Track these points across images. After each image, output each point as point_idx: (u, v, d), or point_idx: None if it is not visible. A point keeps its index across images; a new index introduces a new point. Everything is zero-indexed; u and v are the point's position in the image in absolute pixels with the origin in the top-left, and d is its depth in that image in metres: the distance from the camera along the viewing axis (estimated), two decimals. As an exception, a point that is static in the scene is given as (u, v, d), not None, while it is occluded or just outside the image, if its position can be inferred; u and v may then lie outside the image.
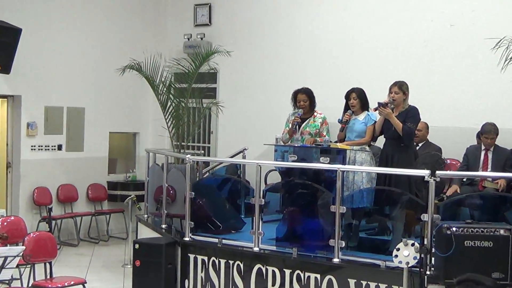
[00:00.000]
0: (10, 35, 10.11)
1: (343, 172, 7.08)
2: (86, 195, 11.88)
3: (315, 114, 8.50)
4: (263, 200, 7.54)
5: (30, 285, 7.35)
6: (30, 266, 7.38)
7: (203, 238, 8.08)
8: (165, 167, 9.09)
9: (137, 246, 8.11)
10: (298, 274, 7.07)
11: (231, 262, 7.57)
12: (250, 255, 7.49)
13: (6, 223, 8.11)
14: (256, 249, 7.49)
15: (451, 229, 5.98)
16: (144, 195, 10.35)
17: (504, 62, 7.35)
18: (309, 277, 7.00)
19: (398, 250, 6.19)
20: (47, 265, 7.42)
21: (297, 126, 8.38)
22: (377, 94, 7.90)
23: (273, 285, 7.24)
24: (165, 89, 10.60)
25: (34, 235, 7.44)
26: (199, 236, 8.14)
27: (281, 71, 11.38)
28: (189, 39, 12.33)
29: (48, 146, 11.33)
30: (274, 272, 7.25)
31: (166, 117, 10.53)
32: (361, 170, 7.64)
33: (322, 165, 7.56)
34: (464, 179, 8.27)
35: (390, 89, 7.69)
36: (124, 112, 12.45)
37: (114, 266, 9.84)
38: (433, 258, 6.23)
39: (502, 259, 5.94)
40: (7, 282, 6.68)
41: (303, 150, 8.00)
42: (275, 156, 8.17)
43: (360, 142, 7.93)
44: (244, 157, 10.26)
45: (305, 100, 8.46)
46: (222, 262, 7.64)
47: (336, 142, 8.19)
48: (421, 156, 8.13)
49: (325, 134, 8.36)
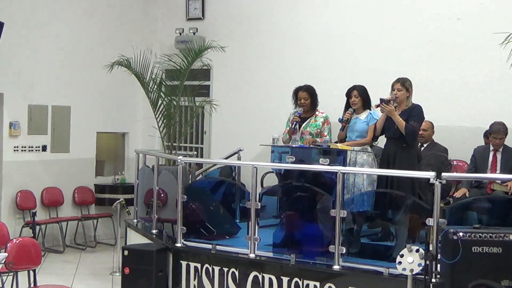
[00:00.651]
0: (-9, 29, 10.10)
1: (344, 174, 7.09)
2: (72, 199, 11.85)
3: (317, 113, 8.47)
4: (259, 204, 7.55)
5: (13, 294, 7.34)
6: (12, 274, 7.33)
7: (196, 244, 8.08)
8: (155, 169, 9.10)
9: (126, 252, 8.11)
10: (296, 282, 7.07)
11: (226, 269, 7.57)
12: (246, 262, 7.49)
13: (-13, 229, 8.09)
14: (252, 255, 7.50)
15: (458, 234, 5.98)
16: (133, 199, 10.35)
17: (513, 58, 7.36)
18: (308, 285, 7.00)
19: (402, 256, 6.20)
20: (31, 273, 7.39)
21: (297, 126, 8.38)
22: (379, 92, 7.93)
23: (270, 293, 7.26)
24: (155, 86, 10.59)
25: (17, 242, 7.40)
26: (192, 242, 8.13)
27: (278, 68, 11.38)
28: (181, 34, 12.32)
29: (32, 147, 11.30)
30: (271, 280, 7.25)
31: (157, 116, 10.52)
32: (362, 172, 7.65)
33: (322, 166, 7.58)
34: (471, 182, 8.27)
35: (393, 86, 7.70)
36: (112, 111, 12.43)
37: (102, 274, 9.81)
38: (438, 265, 6.22)
39: None
40: (-12, 291, 6.67)
41: (302, 151, 8.01)
42: (272, 157, 8.18)
43: (361, 142, 7.94)
44: (239, 158, 10.29)
45: (306, 98, 8.43)
46: (216, 269, 7.64)
47: (336, 142, 8.19)
48: (426, 157, 8.14)
49: (326, 134, 8.32)
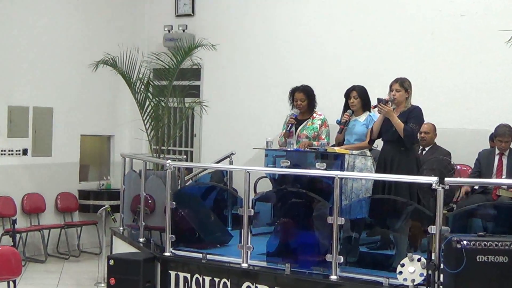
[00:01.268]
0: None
1: (342, 179, 7.07)
2: (55, 206, 11.81)
3: (314, 115, 8.48)
4: (252, 210, 7.53)
5: (-9, 306, 7.32)
6: (-9, 285, 7.34)
7: (186, 253, 8.07)
8: (143, 174, 9.09)
9: (111, 262, 8.10)
10: (291, 293, 7.07)
11: (217, 279, 7.56)
12: (238, 272, 7.48)
13: (-36, 237, 8.08)
14: (244, 265, 7.49)
15: (462, 242, 5.98)
16: (119, 205, 10.32)
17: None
18: (303, 296, 7.01)
19: (403, 266, 6.22)
20: (11, 283, 7.36)
21: (293, 128, 8.37)
22: (379, 93, 7.90)
23: (263, 305, 7.25)
24: (143, 87, 10.57)
25: (-4, 251, 7.40)
26: (181, 251, 8.13)
27: (272, 67, 11.38)
28: (169, 31, 12.33)
29: (12, 151, 11.26)
30: (264, 290, 7.25)
31: (144, 118, 10.50)
32: (361, 177, 7.65)
33: (318, 171, 7.57)
34: (476, 187, 8.28)
35: (391, 86, 7.68)
36: (97, 112, 12.40)
37: (86, 285, 9.79)
38: (441, 275, 6.22)
39: (518, 276, 5.96)
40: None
41: (297, 154, 8.00)
42: (266, 161, 8.17)
43: (360, 145, 7.94)
44: (231, 162, 10.28)
45: (302, 99, 8.43)
46: (207, 279, 7.63)
47: (333, 145, 8.19)
48: (428, 161, 8.15)
49: (323, 137, 8.33)
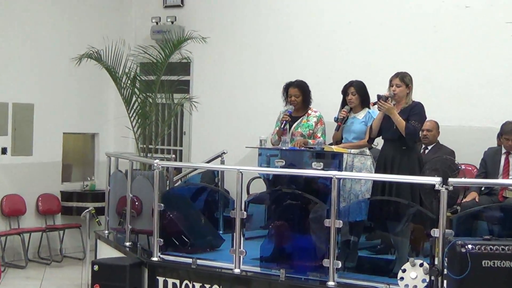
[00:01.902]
0: None
1: (339, 179, 7.08)
2: (36, 208, 11.78)
3: (310, 112, 8.49)
4: (245, 213, 7.53)
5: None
6: (-32, 292, 7.33)
7: (174, 258, 8.07)
8: (129, 174, 9.09)
9: (96, 267, 8.11)
10: (286, 300, 7.07)
11: (208, 286, 7.56)
12: (230, 278, 7.48)
13: None
14: (237, 270, 7.48)
15: (467, 246, 5.98)
16: (104, 208, 10.33)
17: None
18: (299, 303, 7.02)
19: (404, 271, 6.23)
20: (-11, 290, 7.37)
21: (287, 126, 8.37)
22: (378, 89, 7.89)
23: (257, 313, 7.26)
24: (129, 82, 10.55)
25: (-27, 256, 7.39)
26: (170, 255, 8.13)
27: (267, 61, 11.37)
28: (157, 23, 12.31)
29: (-10, 150, 11.27)
30: (258, 298, 7.26)
31: (131, 115, 10.48)
32: (360, 177, 7.65)
33: (315, 171, 7.56)
34: (482, 188, 8.29)
35: (391, 81, 7.67)
36: (80, 109, 12.37)
37: (69, 292, 9.81)
38: (445, 281, 6.22)
39: (526, 282, 5.97)
40: None
41: (292, 154, 8.00)
42: (259, 161, 8.17)
43: (359, 144, 7.94)
44: (222, 162, 10.28)
45: (297, 95, 8.44)
46: (197, 286, 7.63)
47: (331, 144, 8.19)
48: (431, 161, 8.14)
49: (319, 135, 8.34)
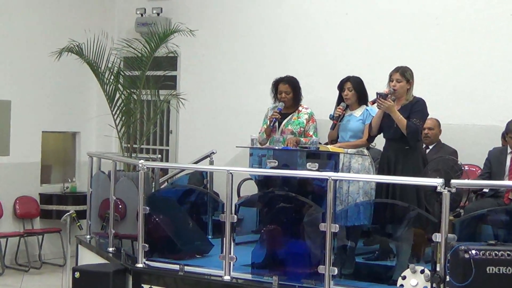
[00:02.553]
0: None
1: (336, 181, 7.06)
2: (13, 211, 11.78)
3: (300, 109, 8.51)
4: (236, 216, 7.52)
5: None
6: None
7: (161, 265, 8.06)
8: (112, 176, 9.06)
9: (77, 274, 8.10)
10: (279, 308, 7.07)
11: (196, 294, 7.56)
12: (220, 286, 7.48)
13: None
14: (226, 277, 7.47)
15: (470, 252, 5.98)
16: (86, 211, 10.28)
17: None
18: (293, 312, 7.01)
19: (404, 278, 6.24)
20: (-37, 299, 7.34)
21: (276, 123, 8.36)
22: (377, 85, 7.88)
23: (248, 322, 7.26)
24: (112, 77, 10.54)
25: None
26: (156, 262, 8.12)
27: (258, 56, 11.38)
28: (142, 15, 12.30)
29: (-36, 150, 11.24)
30: (249, 306, 7.25)
31: (114, 112, 10.47)
32: (357, 179, 7.63)
33: (310, 172, 7.55)
34: (486, 190, 8.28)
35: (391, 76, 7.65)
36: (61, 106, 12.37)
37: (48, 300, 9.78)
38: (447, 289, 6.24)
39: (533, 289, 5.97)
40: None
41: (286, 154, 7.98)
42: (251, 161, 8.16)
43: (356, 143, 7.92)
44: (211, 162, 10.28)
45: (287, 91, 8.46)
46: (185, 294, 7.63)
47: (326, 143, 8.18)
48: (432, 161, 8.15)
49: (311, 133, 8.36)
